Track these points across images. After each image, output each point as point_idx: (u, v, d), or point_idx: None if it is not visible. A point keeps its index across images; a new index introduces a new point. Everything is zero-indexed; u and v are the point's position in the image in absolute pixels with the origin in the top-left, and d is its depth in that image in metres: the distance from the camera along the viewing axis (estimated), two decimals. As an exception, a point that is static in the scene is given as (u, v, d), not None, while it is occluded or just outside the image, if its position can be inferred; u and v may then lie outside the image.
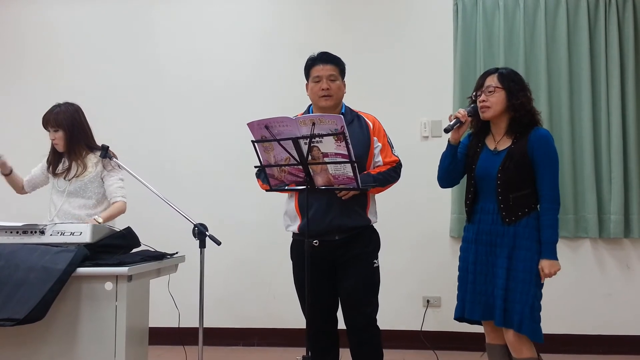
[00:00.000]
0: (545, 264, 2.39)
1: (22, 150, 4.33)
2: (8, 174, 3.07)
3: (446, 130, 2.54)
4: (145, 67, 4.42)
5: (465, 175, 2.67)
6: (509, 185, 2.45)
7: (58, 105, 3.01)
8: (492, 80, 2.51)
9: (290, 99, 3.47)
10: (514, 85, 2.48)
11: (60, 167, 3.02)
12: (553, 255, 2.40)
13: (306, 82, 2.80)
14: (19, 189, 3.16)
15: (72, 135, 2.96)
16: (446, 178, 2.69)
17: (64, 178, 2.97)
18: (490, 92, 2.49)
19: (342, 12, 4.31)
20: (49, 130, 2.98)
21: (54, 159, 3.04)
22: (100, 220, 2.81)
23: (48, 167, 3.06)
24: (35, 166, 3.15)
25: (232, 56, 4.36)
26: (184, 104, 4.37)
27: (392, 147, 2.80)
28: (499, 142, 2.53)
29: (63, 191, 2.98)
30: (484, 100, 2.50)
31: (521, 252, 2.42)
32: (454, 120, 2.53)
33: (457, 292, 2.61)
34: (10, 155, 4.37)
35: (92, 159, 2.99)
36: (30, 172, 3.15)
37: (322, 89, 2.70)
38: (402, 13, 4.26)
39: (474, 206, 2.58)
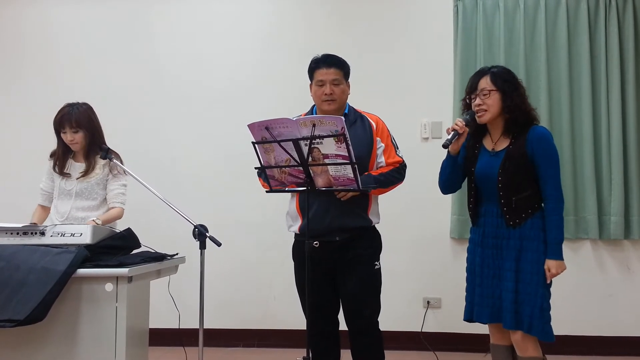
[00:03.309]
0: (551, 264, 2.39)
1: (22, 150, 4.38)
2: None
3: (445, 146, 2.52)
4: (145, 68, 4.42)
5: (466, 178, 2.67)
6: (511, 187, 2.44)
7: (73, 105, 2.95)
8: (486, 83, 2.47)
9: (291, 99, 3.47)
10: (507, 85, 2.46)
11: (67, 167, 3.00)
12: (559, 256, 2.40)
13: (310, 82, 2.78)
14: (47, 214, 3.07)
15: (92, 136, 2.95)
16: (448, 185, 2.69)
17: (77, 178, 2.95)
18: (485, 95, 2.47)
19: (342, 13, 4.31)
20: (64, 131, 2.92)
21: (62, 158, 3.00)
22: (99, 222, 2.79)
23: (54, 167, 3.01)
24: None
25: (232, 57, 4.35)
26: (184, 105, 4.37)
27: (396, 147, 2.78)
28: (496, 142, 2.52)
29: (70, 192, 2.95)
30: (480, 104, 2.48)
31: (528, 253, 2.42)
32: (452, 133, 2.49)
33: (459, 293, 2.61)
34: (10, 154, 4.41)
35: (100, 160, 2.97)
36: (41, 189, 3.07)
37: (325, 94, 2.68)
38: (402, 13, 4.25)
39: (477, 209, 2.57)
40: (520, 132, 2.46)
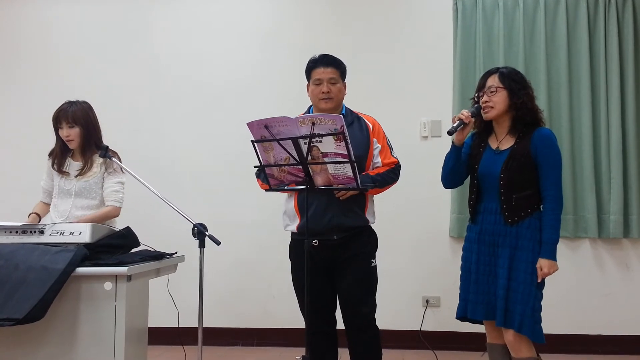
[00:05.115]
0: (544, 264, 2.39)
1: (21, 149, 4.38)
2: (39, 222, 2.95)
3: (450, 133, 2.54)
4: (144, 67, 4.42)
5: (469, 176, 2.67)
6: (512, 185, 2.45)
7: (72, 103, 2.94)
8: (494, 80, 2.51)
9: (290, 98, 3.47)
10: (515, 84, 2.49)
11: (65, 166, 2.98)
12: (552, 256, 2.41)
13: (307, 82, 2.80)
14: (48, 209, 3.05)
15: (88, 133, 2.93)
16: (450, 179, 2.69)
17: (75, 176, 2.93)
18: (492, 92, 2.49)
19: (342, 12, 4.31)
20: (61, 127, 2.91)
21: (60, 156, 2.99)
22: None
23: (52, 165, 2.99)
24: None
25: (231, 56, 4.35)
26: (183, 104, 4.37)
27: (391, 148, 2.81)
28: (501, 141, 2.54)
29: (70, 191, 2.92)
30: (486, 101, 2.51)
31: (523, 253, 2.42)
32: (457, 122, 2.52)
33: (458, 291, 2.61)
34: (9, 153, 4.41)
35: (97, 159, 2.94)
36: (41, 187, 3.05)
37: (323, 92, 2.70)
38: (402, 13, 4.25)
39: (477, 206, 2.58)
40: (525, 132, 2.48)
